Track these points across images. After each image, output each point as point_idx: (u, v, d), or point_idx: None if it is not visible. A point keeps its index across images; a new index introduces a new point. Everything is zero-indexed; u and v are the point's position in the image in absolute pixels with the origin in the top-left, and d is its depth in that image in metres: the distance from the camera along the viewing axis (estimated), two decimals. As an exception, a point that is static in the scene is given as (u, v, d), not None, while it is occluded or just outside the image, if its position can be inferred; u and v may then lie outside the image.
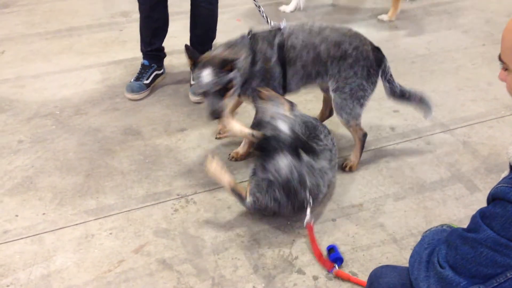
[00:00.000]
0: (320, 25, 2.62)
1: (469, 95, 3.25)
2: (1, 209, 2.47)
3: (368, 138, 2.91)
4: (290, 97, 2.56)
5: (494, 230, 1.19)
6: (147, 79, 3.38)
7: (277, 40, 2.54)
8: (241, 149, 2.81)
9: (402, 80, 3.37)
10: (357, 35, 2.60)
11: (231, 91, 2.44)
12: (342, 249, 2.24)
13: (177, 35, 3.69)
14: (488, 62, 3.44)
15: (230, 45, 2.54)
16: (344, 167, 2.72)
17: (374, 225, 2.35)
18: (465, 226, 1.31)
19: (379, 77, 2.65)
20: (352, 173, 2.69)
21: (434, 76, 3.45)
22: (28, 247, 2.27)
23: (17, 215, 2.45)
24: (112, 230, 2.38)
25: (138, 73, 3.39)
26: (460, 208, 2.45)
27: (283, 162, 2.21)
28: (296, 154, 2.23)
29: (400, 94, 2.69)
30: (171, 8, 3.29)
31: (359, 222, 2.38)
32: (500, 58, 1.31)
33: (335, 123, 2.90)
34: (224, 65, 2.38)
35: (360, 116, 2.66)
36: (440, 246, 1.35)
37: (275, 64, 2.55)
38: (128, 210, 2.48)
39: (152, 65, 3.42)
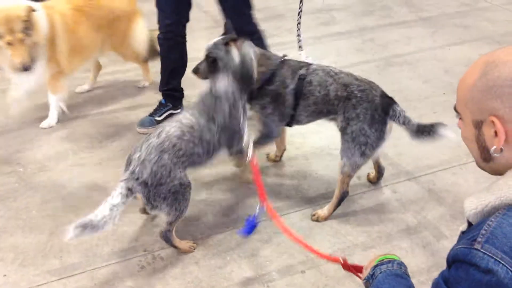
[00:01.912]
0: (341, 69, 2.70)
1: (434, 144, 3.31)
2: (-41, 272, 2.39)
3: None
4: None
5: None
6: (159, 116, 3.53)
7: (300, 72, 2.66)
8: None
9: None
10: (369, 82, 2.65)
11: None
12: (312, 302, 2.21)
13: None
14: (449, 111, 3.51)
15: (264, 54, 2.73)
16: (312, 216, 2.72)
17: (344, 275, 2.34)
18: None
19: (387, 125, 2.60)
20: (319, 222, 2.69)
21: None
22: (-13, 311, 2.18)
23: (-24, 278, 2.36)
24: (76, 290, 2.31)
25: (154, 109, 3.57)
26: (428, 256, 2.46)
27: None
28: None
29: (422, 130, 2.59)
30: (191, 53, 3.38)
31: (328, 273, 2.37)
32: (455, 109, 1.35)
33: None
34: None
35: (357, 167, 2.63)
36: None
37: (290, 92, 2.65)
38: (93, 269, 2.42)
39: (168, 104, 3.57)
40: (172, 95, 3.58)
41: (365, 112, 2.54)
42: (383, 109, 2.56)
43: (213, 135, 2.41)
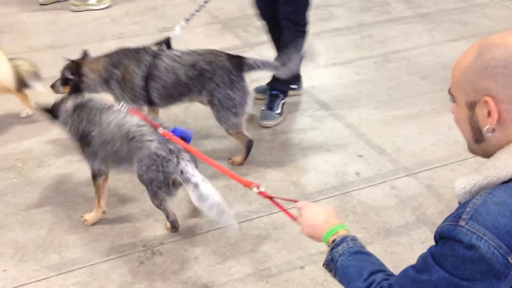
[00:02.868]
0: (182, 51, 2.95)
1: (431, 139, 3.32)
2: (-42, 267, 2.39)
3: (334, 183, 2.94)
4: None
5: (446, 270, 1.21)
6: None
7: (147, 58, 2.90)
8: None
9: (364, 125, 3.46)
10: (211, 51, 2.91)
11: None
12: (311, 297, 2.22)
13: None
14: (447, 107, 3.53)
15: (107, 55, 2.99)
16: (229, 159, 3.08)
17: (343, 271, 2.34)
18: None
19: (246, 80, 2.90)
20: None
21: (395, 121, 3.53)
22: (-14, 306, 2.19)
23: (-25, 273, 2.36)
24: (75, 285, 2.31)
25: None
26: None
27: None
28: None
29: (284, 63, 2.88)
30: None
31: (327, 269, 2.37)
32: (449, 92, 1.39)
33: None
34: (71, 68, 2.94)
35: (239, 125, 2.94)
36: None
37: (139, 79, 2.89)
38: (92, 264, 2.42)
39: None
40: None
41: (222, 79, 2.82)
42: (236, 68, 2.84)
43: None
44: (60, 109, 2.59)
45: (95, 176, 2.59)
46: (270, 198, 1.93)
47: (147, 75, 2.89)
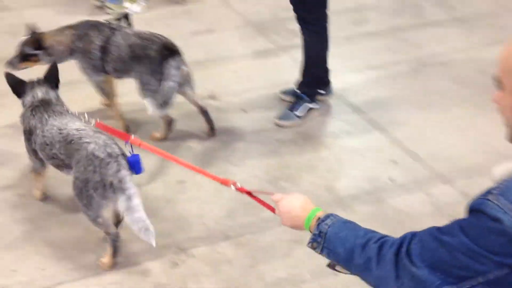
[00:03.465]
0: (135, 30, 3.24)
1: (468, 146, 3.28)
2: (-2, 265, 2.45)
3: (367, 189, 2.93)
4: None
5: (469, 238, 1.30)
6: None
7: (106, 33, 3.11)
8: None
9: (399, 130, 3.42)
10: (151, 37, 3.08)
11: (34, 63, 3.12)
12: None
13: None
14: (485, 112, 3.48)
15: (70, 27, 3.17)
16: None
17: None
18: None
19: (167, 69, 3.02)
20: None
21: (431, 126, 3.49)
22: (25, 304, 2.24)
23: (15, 270, 2.42)
24: (111, 285, 2.35)
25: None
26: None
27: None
28: None
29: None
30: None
31: (361, 275, 2.36)
32: (496, 79, 1.39)
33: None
34: (32, 43, 3.05)
35: (164, 104, 3.04)
36: (407, 244, 1.40)
37: (97, 49, 3.09)
38: (127, 265, 2.45)
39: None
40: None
41: (145, 65, 3.03)
42: (163, 56, 3.01)
43: None
44: (26, 92, 2.61)
45: (32, 169, 2.74)
46: (249, 193, 2.02)
47: (104, 47, 3.10)
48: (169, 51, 3.05)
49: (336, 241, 1.55)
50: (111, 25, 3.21)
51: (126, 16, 3.26)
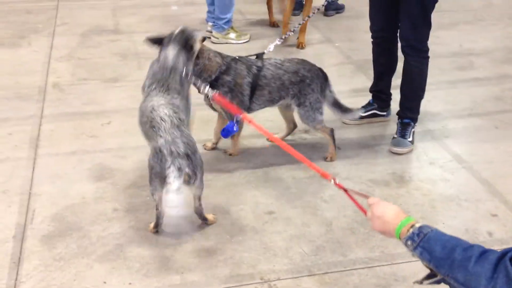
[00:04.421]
0: (281, 59, 3.39)
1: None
2: (91, 275, 2.55)
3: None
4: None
5: None
6: (363, 112, 3.89)
7: (254, 69, 3.25)
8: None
9: (500, 182, 3.24)
10: (305, 61, 3.42)
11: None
12: None
13: (273, 119, 3.78)
14: None
15: (219, 54, 3.23)
16: (325, 159, 3.49)
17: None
18: None
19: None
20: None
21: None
22: (111, 315, 2.30)
23: (105, 282, 2.51)
24: (194, 308, 2.37)
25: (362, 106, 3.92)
26: None
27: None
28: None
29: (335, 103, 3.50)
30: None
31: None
32: None
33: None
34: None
35: (322, 121, 3.43)
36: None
37: (247, 84, 3.22)
38: (212, 290, 2.48)
39: (374, 104, 3.92)
40: (378, 96, 3.90)
41: (316, 85, 3.34)
42: (324, 79, 3.42)
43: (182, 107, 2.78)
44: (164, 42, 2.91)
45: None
46: (345, 190, 2.07)
47: (254, 82, 3.24)
48: (323, 72, 3.45)
49: (436, 241, 1.58)
50: (256, 60, 3.33)
51: (261, 56, 3.36)
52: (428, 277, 1.66)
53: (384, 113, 3.93)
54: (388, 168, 3.41)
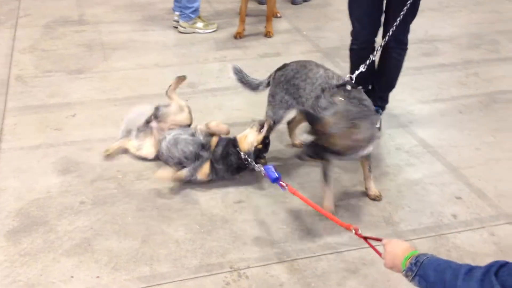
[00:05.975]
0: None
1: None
2: (58, 269, 2.52)
3: (428, 224, 2.85)
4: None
5: None
6: None
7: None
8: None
9: (465, 166, 3.31)
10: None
11: None
12: None
13: (241, 108, 3.77)
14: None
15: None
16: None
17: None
18: None
19: None
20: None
21: (500, 164, 3.36)
22: (79, 309, 2.28)
23: (72, 276, 2.48)
24: (163, 299, 2.37)
25: None
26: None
27: None
28: None
29: None
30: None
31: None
32: None
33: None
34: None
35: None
36: (497, 268, 1.49)
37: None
38: (181, 280, 2.47)
39: None
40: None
41: None
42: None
43: None
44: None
45: None
46: (365, 238, 2.20)
47: None
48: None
49: (430, 267, 1.67)
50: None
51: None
52: None
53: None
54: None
